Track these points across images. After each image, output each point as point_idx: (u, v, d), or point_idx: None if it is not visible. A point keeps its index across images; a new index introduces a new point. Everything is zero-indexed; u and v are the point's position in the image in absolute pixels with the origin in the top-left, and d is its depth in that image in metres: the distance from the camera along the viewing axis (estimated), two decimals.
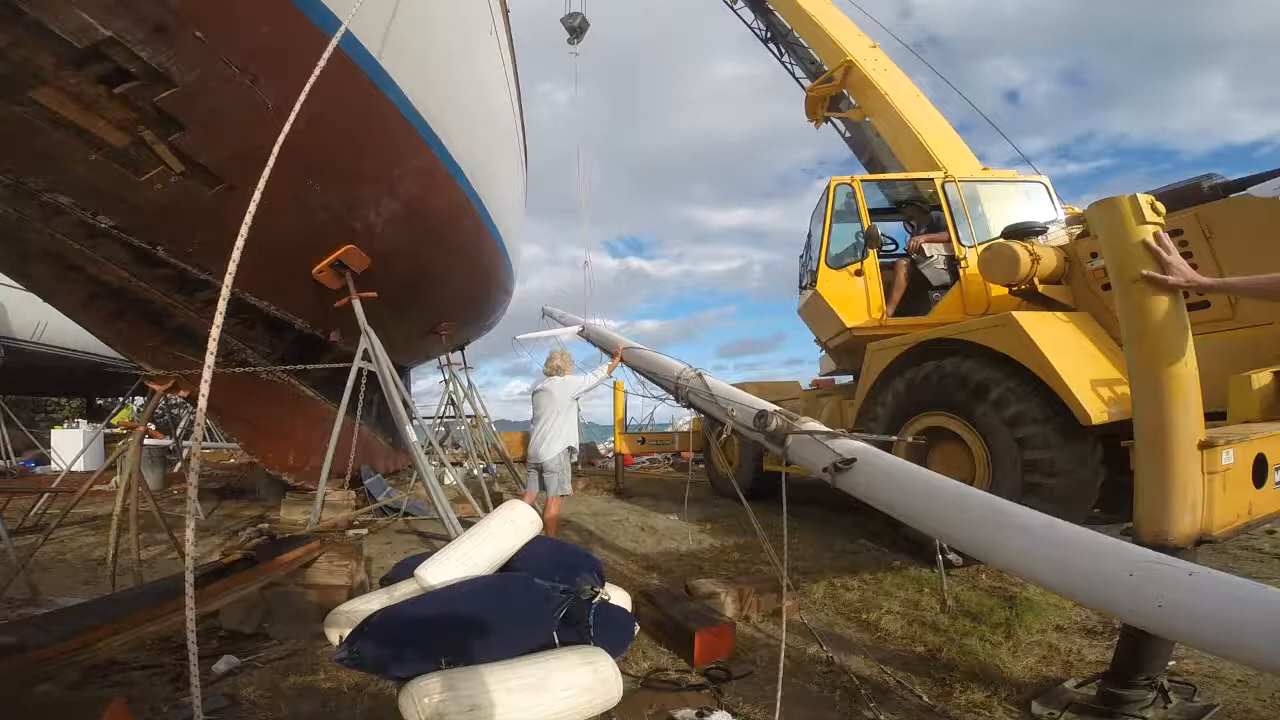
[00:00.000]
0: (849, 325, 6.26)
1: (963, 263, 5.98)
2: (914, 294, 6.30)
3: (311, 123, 4.34)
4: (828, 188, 6.66)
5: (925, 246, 6.37)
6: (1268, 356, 3.76)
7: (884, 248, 6.69)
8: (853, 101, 8.83)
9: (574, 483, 9.94)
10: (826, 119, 9.51)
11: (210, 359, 2.08)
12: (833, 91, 8.92)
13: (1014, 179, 6.52)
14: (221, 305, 2.15)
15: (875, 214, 7.82)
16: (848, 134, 9.80)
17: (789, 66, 10.26)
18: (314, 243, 5.32)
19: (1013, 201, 6.27)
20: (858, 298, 6.25)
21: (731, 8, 10.62)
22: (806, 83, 9.74)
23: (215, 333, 2.11)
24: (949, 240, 6.15)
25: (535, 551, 3.79)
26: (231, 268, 2.21)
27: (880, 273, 6.31)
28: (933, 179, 6.43)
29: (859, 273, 6.29)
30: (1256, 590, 1.50)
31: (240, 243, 2.26)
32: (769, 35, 10.48)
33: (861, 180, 6.72)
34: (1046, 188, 6.32)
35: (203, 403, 2.07)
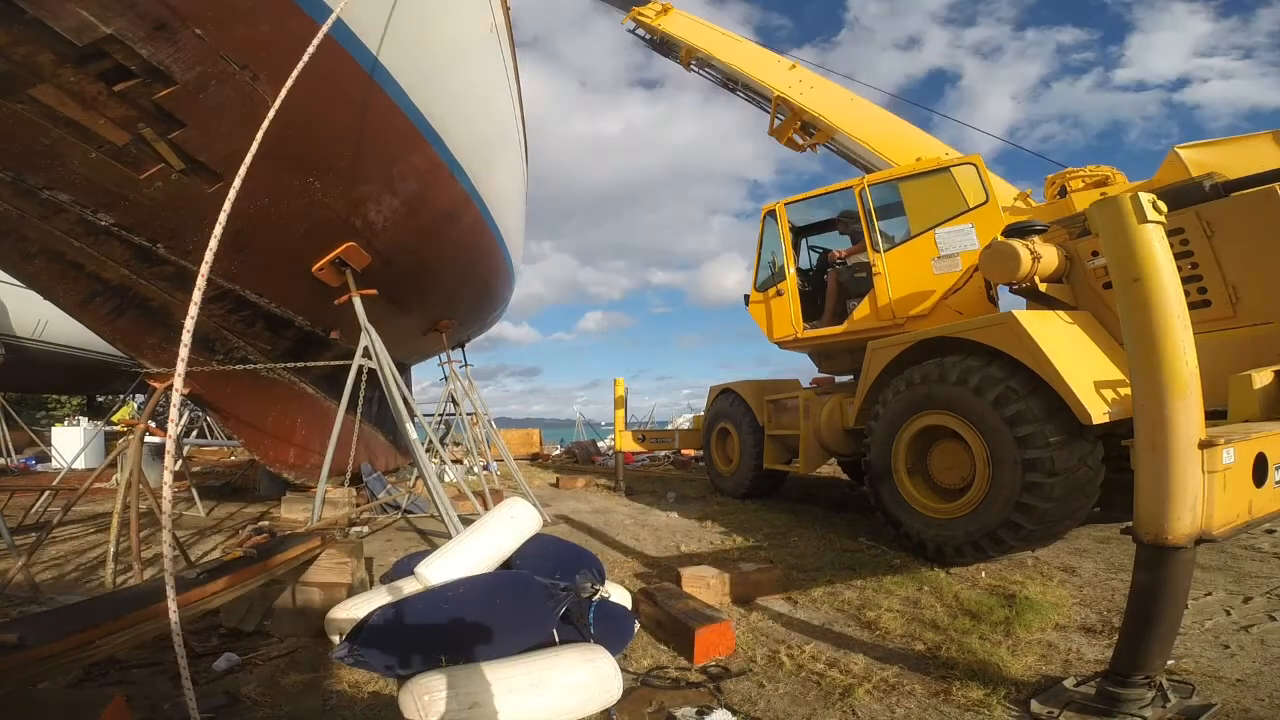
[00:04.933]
0: (773, 339, 7.19)
1: (875, 269, 6.10)
2: (840, 303, 6.73)
3: (311, 119, 4.37)
4: (761, 214, 7.30)
5: (848, 257, 6.79)
6: (1268, 355, 3.75)
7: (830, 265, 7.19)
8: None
9: (574, 480, 10.01)
10: (813, 146, 9.50)
11: (184, 349, 2.07)
12: (793, 125, 8.95)
13: (937, 166, 6.20)
14: (196, 295, 2.13)
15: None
16: (838, 152, 9.81)
17: (764, 108, 10.22)
18: (314, 240, 5.32)
19: (938, 191, 6.03)
20: (780, 314, 7.06)
21: (688, 68, 10.59)
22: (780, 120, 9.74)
23: (190, 319, 2.09)
24: (864, 248, 6.32)
25: (535, 549, 3.80)
26: (208, 256, 2.19)
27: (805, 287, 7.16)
28: (852, 187, 6.47)
29: (779, 293, 7.06)
30: None
31: (218, 229, 2.24)
32: (732, 87, 10.42)
33: (786, 203, 7.18)
34: (977, 168, 5.95)
35: (178, 386, 2.08)
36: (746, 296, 7.63)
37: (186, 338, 2.06)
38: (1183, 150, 4.68)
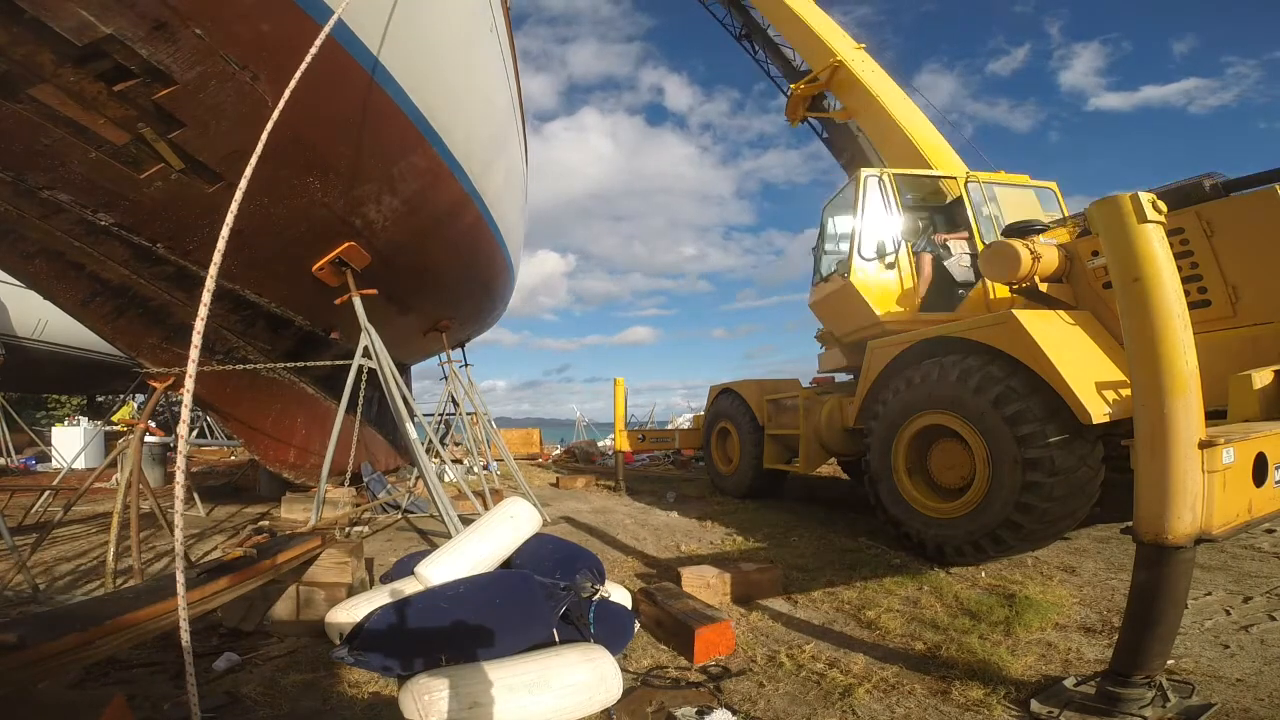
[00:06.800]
0: (881, 318, 6.04)
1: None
2: (939, 290, 6.18)
3: (311, 119, 4.37)
4: (857, 179, 6.42)
5: (950, 243, 6.36)
6: (1268, 355, 3.75)
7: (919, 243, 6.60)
8: (837, 103, 8.94)
9: (574, 480, 10.01)
10: (805, 119, 9.62)
11: (195, 352, 2.07)
12: (816, 91, 9.00)
13: (1027, 183, 6.63)
14: (206, 297, 2.14)
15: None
16: (825, 134, 9.91)
17: (764, 65, 10.33)
18: (314, 239, 5.32)
19: (1025, 204, 6.37)
20: (890, 290, 6.09)
21: (703, 4, 10.67)
22: (783, 81, 9.87)
23: (199, 325, 2.10)
24: (970, 238, 6.18)
25: (535, 549, 3.80)
26: (216, 258, 2.20)
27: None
28: (955, 177, 6.50)
29: (891, 265, 6.13)
30: None
31: (225, 231, 2.25)
32: (743, 32, 10.53)
33: (895, 173, 6.52)
34: (1055, 193, 6.48)
35: (188, 398, 2.08)
36: (843, 264, 6.48)
37: (197, 339, 2.07)
38: None
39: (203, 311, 2.10)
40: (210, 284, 2.16)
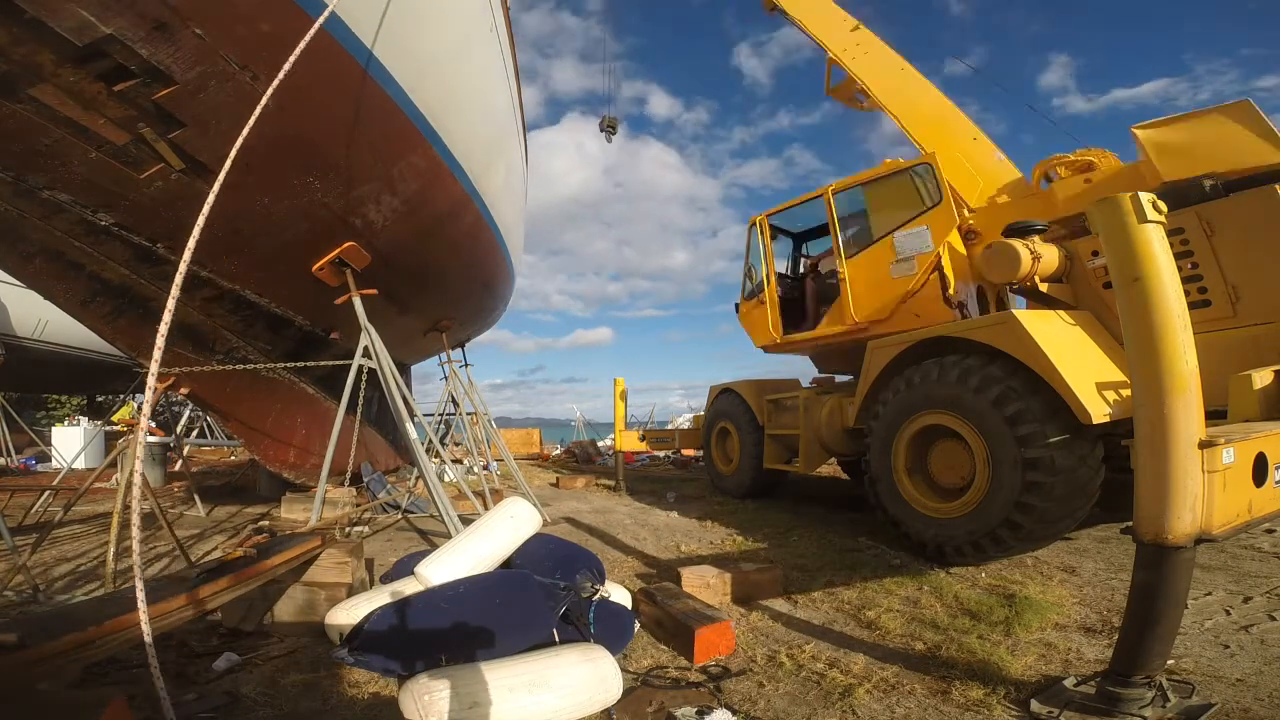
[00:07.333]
0: (757, 344, 7.52)
1: (840, 275, 6.22)
2: (817, 308, 6.98)
3: (311, 119, 4.37)
4: (750, 224, 7.54)
5: (820, 264, 7.07)
6: (1268, 355, 3.76)
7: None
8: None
9: (574, 480, 10.01)
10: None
11: (160, 340, 2.08)
12: (854, 84, 8.78)
13: (893, 169, 6.04)
14: (178, 279, 2.14)
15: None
16: None
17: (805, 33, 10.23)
18: (314, 239, 5.32)
19: (900, 194, 5.91)
20: (762, 321, 7.33)
21: (769, 13, 10.61)
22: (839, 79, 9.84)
23: (167, 316, 2.10)
24: (835, 252, 6.41)
25: (535, 549, 3.80)
26: (191, 243, 2.21)
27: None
28: (822, 195, 6.59)
29: (761, 301, 7.33)
30: None
31: (201, 220, 2.25)
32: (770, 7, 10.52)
33: (767, 215, 7.45)
34: (932, 167, 5.74)
35: (151, 381, 2.09)
36: (736, 305, 7.97)
37: (164, 329, 2.08)
38: (1139, 130, 4.53)
39: (171, 304, 2.11)
40: (184, 266, 2.16)
